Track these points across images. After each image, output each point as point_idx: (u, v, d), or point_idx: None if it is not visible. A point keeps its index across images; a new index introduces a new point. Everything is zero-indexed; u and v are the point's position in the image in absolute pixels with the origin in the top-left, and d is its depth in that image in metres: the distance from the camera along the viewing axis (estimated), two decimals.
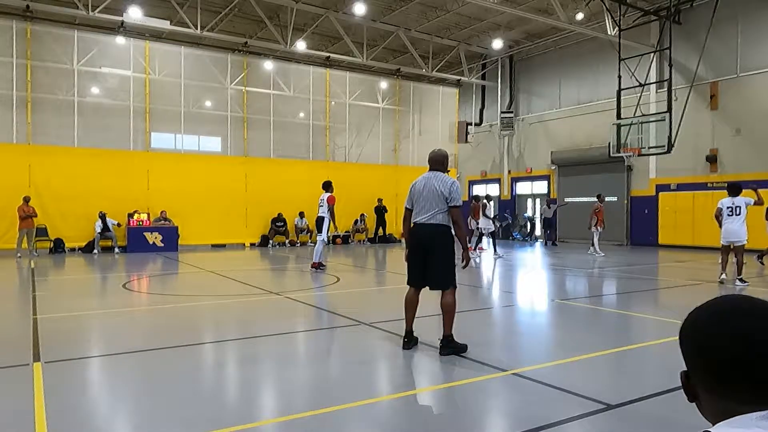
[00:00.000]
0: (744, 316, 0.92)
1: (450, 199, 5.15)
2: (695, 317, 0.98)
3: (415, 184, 5.35)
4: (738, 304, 0.95)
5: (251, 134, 20.88)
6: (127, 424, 3.66)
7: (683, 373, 0.98)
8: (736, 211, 9.62)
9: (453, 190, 5.17)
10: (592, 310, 7.77)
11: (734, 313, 0.94)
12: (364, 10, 18.59)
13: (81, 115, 17.74)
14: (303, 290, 9.83)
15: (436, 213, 5.17)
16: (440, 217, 5.19)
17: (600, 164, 21.06)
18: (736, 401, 0.89)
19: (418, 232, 5.29)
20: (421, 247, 5.27)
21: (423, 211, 5.23)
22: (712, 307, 0.97)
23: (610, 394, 3.93)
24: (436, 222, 5.19)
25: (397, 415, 3.74)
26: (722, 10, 17.01)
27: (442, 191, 5.13)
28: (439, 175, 5.27)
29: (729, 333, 0.91)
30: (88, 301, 8.60)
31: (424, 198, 5.21)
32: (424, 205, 5.22)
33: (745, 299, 0.96)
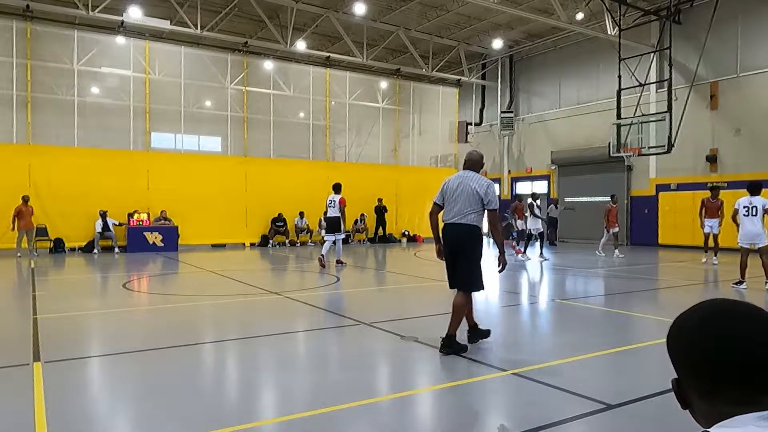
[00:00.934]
0: (727, 318, 0.94)
1: (487, 201, 5.12)
2: (680, 323, 0.99)
3: (449, 182, 5.30)
4: (721, 306, 0.97)
5: (251, 134, 20.88)
6: (127, 424, 3.66)
7: (674, 380, 0.99)
8: (752, 211, 9.19)
9: (490, 192, 5.15)
10: (592, 309, 7.77)
11: (717, 316, 0.95)
12: (364, 9, 18.59)
13: (81, 115, 17.74)
14: (303, 290, 9.83)
15: (468, 213, 5.13)
16: (472, 218, 5.14)
17: (600, 164, 21.06)
18: (728, 403, 0.89)
19: (449, 232, 5.24)
20: (451, 247, 5.24)
21: (454, 210, 5.18)
22: (696, 312, 0.98)
23: (610, 394, 3.93)
24: (468, 222, 5.14)
25: (397, 415, 3.74)
26: (722, 10, 17.00)
27: (478, 191, 5.11)
28: (475, 176, 5.25)
29: (714, 334, 0.93)
30: (88, 301, 8.60)
31: (457, 197, 5.16)
32: (455, 204, 5.17)
33: (727, 301, 0.97)
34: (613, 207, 16.00)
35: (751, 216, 9.17)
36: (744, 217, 9.25)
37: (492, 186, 5.24)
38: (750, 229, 9.18)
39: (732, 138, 17.72)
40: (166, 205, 18.01)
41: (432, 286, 10.67)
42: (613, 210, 15.93)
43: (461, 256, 5.16)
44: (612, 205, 16.04)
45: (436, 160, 25.87)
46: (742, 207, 9.32)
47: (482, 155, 5.56)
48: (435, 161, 25.89)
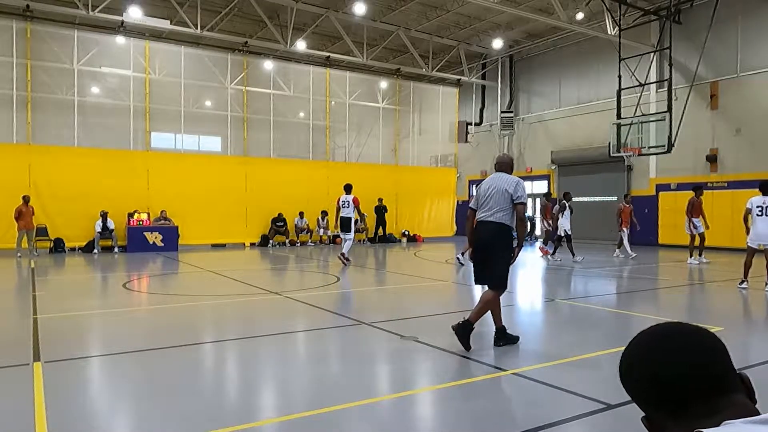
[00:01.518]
0: (663, 338, 0.98)
1: (516, 197, 5.32)
2: (626, 359, 1.02)
3: (481, 186, 5.59)
4: (654, 330, 1.00)
5: (251, 134, 20.88)
6: (127, 424, 3.66)
7: (643, 418, 1.01)
8: (766, 211, 8.93)
9: (519, 188, 5.36)
10: (592, 309, 7.77)
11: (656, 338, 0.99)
12: (364, 9, 18.59)
13: (81, 115, 17.74)
14: (303, 290, 9.83)
15: (497, 211, 5.33)
16: (501, 215, 5.33)
17: (600, 164, 21.06)
18: (695, 416, 0.91)
19: (480, 230, 5.47)
20: (481, 244, 5.45)
21: (486, 209, 5.42)
22: (638, 343, 1.01)
23: (610, 394, 3.93)
24: (496, 220, 5.34)
25: (397, 415, 3.74)
26: (722, 10, 17.00)
27: (506, 189, 5.33)
28: (504, 176, 5.49)
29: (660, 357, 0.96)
30: (88, 301, 8.60)
31: (489, 197, 5.41)
32: (486, 204, 5.42)
33: (659, 326, 1.01)
34: (626, 207, 15.50)
35: (765, 216, 8.93)
36: (758, 216, 9.00)
37: (521, 183, 5.44)
38: (764, 229, 8.97)
39: (732, 138, 17.71)
40: (166, 205, 18.01)
41: (432, 286, 10.67)
42: (626, 210, 15.43)
43: (492, 254, 5.37)
44: (624, 204, 15.59)
45: (436, 160, 25.87)
46: (755, 206, 9.02)
47: (512, 158, 5.83)
48: (435, 161, 25.90)
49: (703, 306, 8.68)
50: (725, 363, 0.95)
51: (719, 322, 6.43)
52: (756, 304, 8.35)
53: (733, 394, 0.92)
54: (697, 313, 7.91)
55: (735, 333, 6.28)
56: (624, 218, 15.31)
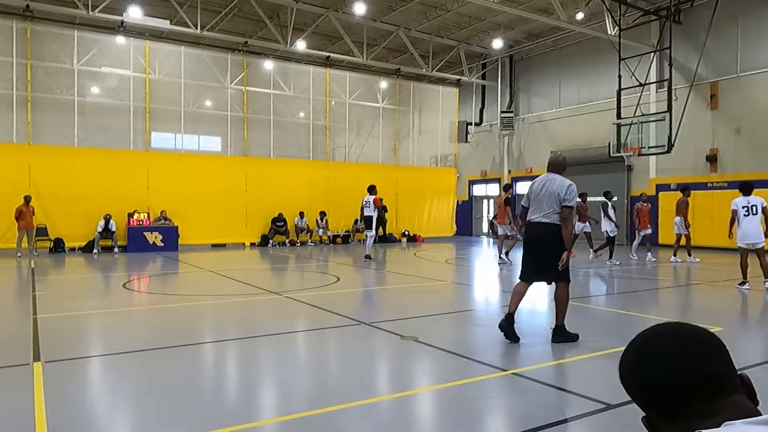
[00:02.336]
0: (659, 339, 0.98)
1: (564, 199, 5.47)
2: (624, 360, 1.02)
3: (533, 185, 5.73)
4: (651, 332, 1.00)
5: (251, 134, 20.89)
6: (127, 424, 3.66)
7: (643, 418, 1.01)
8: (752, 210, 9.05)
9: (569, 192, 5.49)
10: (592, 309, 7.77)
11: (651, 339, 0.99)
12: (364, 9, 18.58)
13: (81, 115, 17.73)
14: (303, 290, 9.83)
15: (551, 213, 5.50)
16: (555, 217, 5.50)
17: (600, 164, 21.05)
18: (693, 417, 0.91)
19: (532, 231, 5.64)
20: (535, 244, 5.62)
21: (538, 210, 5.57)
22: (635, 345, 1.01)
23: (610, 394, 3.93)
24: (550, 221, 5.50)
25: (397, 415, 3.74)
26: (722, 10, 17.00)
27: (558, 193, 5.47)
28: (557, 178, 5.60)
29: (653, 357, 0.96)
30: (88, 301, 8.60)
31: (541, 198, 5.57)
32: (539, 204, 5.57)
33: (657, 327, 1.01)
34: (643, 206, 14.63)
35: (752, 215, 9.04)
36: (744, 217, 9.11)
37: (572, 186, 5.55)
38: (751, 229, 9.07)
39: (732, 138, 17.71)
40: (166, 205, 18.01)
41: (432, 286, 10.67)
42: (644, 209, 14.55)
43: (548, 253, 5.51)
44: (643, 204, 14.69)
45: (436, 160, 25.87)
46: (741, 207, 9.14)
47: (564, 158, 5.91)
48: (435, 161, 25.90)
49: (703, 306, 8.67)
50: (723, 363, 0.94)
51: (719, 322, 6.43)
52: (755, 304, 8.35)
53: (732, 394, 0.92)
54: (697, 313, 7.91)
55: (735, 333, 6.28)
56: (642, 218, 14.45)
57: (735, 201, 9.28)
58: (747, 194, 9.18)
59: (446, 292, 9.91)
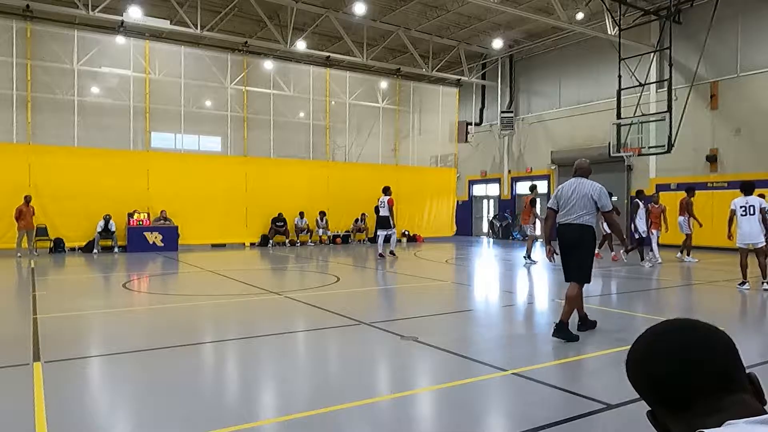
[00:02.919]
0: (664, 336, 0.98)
1: (601, 205, 5.82)
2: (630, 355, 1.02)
3: (562, 189, 6.02)
4: (657, 328, 1.00)
5: (251, 134, 20.88)
6: (127, 424, 3.66)
7: (648, 413, 1.00)
8: (750, 211, 9.08)
9: (602, 196, 5.84)
10: (592, 309, 7.76)
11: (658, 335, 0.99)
12: (364, 9, 18.59)
13: (81, 115, 17.73)
14: (303, 290, 9.83)
15: (582, 215, 5.80)
16: (586, 218, 5.82)
17: (600, 164, 20.94)
18: (697, 415, 0.90)
19: (564, 232, 5.93)
20: (567, 245, 5.92)
21: (569, 212, 5.86)
22: (642, 340, 1.01)
23: (610, 394, 3.93)
24: (582, 222, 5.81)
25: (397, 415, 3.74)
26: (722, 10, 17.00)
27: (592, 196, 5.79)
28: (586, 182, 5.93)
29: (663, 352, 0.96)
30: (88, 301, 8.59)
31: (571, 201, 5.85)
32: (570, 207, 5.85)
33: (663, 323, 1.01)
34: (654, 207, 14.02)
35: (749, 216, 9.08)
36: (741, 217, 9.15)
37: (603, 190, 5.90)
38: (749, 229, 9.10)
39: (732, 138, 17.71)
40: (166, 205, 18.01)
41: (432, 286, 10.67)
42: (654, 211, 13.98)
43: (577, 252, 5.84)
44: (653, 205, 14.07)
45: (436, 160, 25.87)
46: (739, 207, 9.19)
47: (589, 163, 6.25)
48: (435, 161, 25.90)
49: (702, 306, 8.68)
50: (729, 361, 0.94)
51: (718, 322, 6.40)
52: (755, 304, 8.35)
53: (738, 393, 0.91)
54: (697, 313, 7.89)
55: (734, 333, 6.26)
56: (654, 220, 13.90)
57: (734, 201, 9.34)
58: (747, 194, 9.21)
59: (446, 292, 9.91)
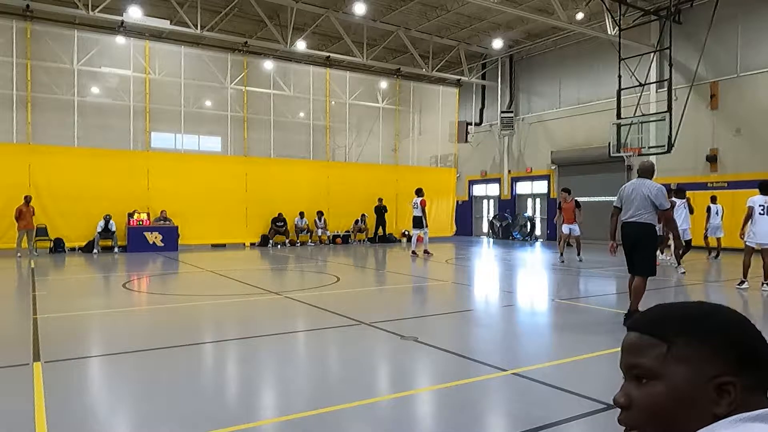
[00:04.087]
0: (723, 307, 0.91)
1: (658, 204, 6.24)
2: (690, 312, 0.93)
3: (625, 189, 6.48)
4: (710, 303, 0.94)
5: (251, 134, 20.89)
6: (127, 424, 3.66)
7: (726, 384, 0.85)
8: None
9: (659, 196, 6.24)
10: (592, 309, 7.77)
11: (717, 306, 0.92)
12: (364, 9, 18.59)
13: (81, 115, 17.74)
14: (303, 290, 9.83)
15: (642, 213, 6.27)
16: (646, 217, 6.27)
17: (600, 164, 21.05)
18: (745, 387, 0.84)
19: (627, 229, 6.40)
20: (629, 241, 6.38)
21: (630, 211, 6.33)
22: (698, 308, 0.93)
23: (610, 394, 3.92)
24: (642, 221, 6.27)
25: (397, 415, 3.74)
26: (722, 10, 17.00)
27: (649, 195, 6.22)
28: (647, 182, 6.36)
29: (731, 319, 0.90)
30: (88, 301, 8.59)
31: (632, 200, 6.31)
32: (631, 206, 6.32)
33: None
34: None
35: (766, 215, 8.91)
36: (760, 216, 8.97)
37: (661, 190, 6.29)
38: (765, 228, 8.92)
39: (732, 138, 17.71)
40: (166, 205, 18.01)
41: (432, 286, 10.68)
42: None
43: (639, 248, 6.31)
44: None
45: (436, 160, 25.88)
46: (758, 206, 9.00)
47: (653, 164, 6.72)
48: (435, 161, 25.91)
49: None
50: None
51: None
52: (754, 304, 8.35)
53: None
54: None
55: None
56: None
57: (752, 199, 9.14)
58: (766, 193, 9.03)
59: (446, 292, 9.91)
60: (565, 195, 14.51)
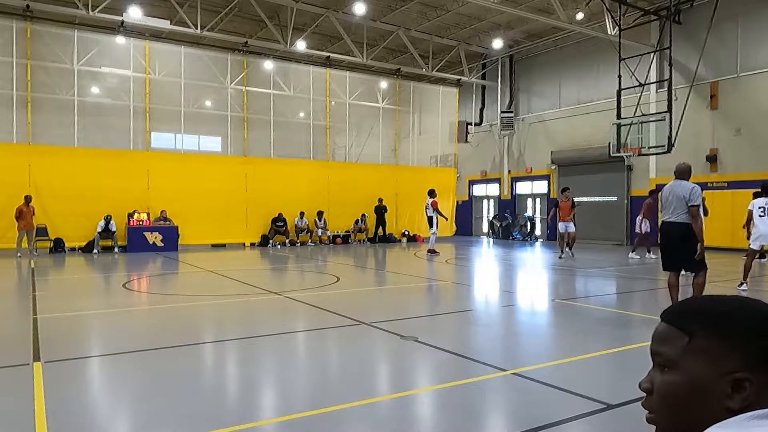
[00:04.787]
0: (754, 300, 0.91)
1: (689, 199, 6.42)
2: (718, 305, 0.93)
3: (664, 191, 6.81)
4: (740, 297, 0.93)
5: (251, 134, 20.88)
6: (127, 424, 3.66)
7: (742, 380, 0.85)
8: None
9: (693, 193, 6.42)
10: (592, 309, 7.77)
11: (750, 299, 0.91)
12: (364, 9, 18.58)
13: (81, 115, 17.73)
14: (303, 290, 9.83)
15: (680, 214, 6.51)
16: (684, 217, 6.49)
17: (600, 164, 21.06)
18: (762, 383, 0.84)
19: (666, 229, 6.71)
20: (670, 240, 6.65)
21: (670, 212, 6.61)
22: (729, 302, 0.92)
23: (610, 394, 3.93)
24: (680, 220, 6.50)
25: (397, 415, 3.74)
26: (722, 10, 17.00)
27: (684, 195, 6.45)
28: (683, 183, 6.60)
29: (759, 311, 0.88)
30: (88, 301, 8.59)
31: (671, 201, 6.59)
32: (670, 207, 6.60)
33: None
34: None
35: (766, 216, 8.98)
36: (759, 218, 9.05)
37: (695, 188, 6.46)
38: (766, 229, 8.98)
39: (732, 138, 17.71)
40: (166, 205, 18.01)
41: (432, 286, 10.68)
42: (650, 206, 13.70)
43: (684, 247, 6.51)
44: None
45: (436, 160, 25.87)
46: (757, 208, 9.09)
47: (689, 165, 6.87)
48: (435, 161, 25.90)
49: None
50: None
51: None
52: None
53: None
54: None
55: None
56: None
57: (753, 202, 9.24)
58: (767, 195, 9.10)
59: (446, 292, 9.91)
60: (567, 193, 15.35)
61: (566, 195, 15.26)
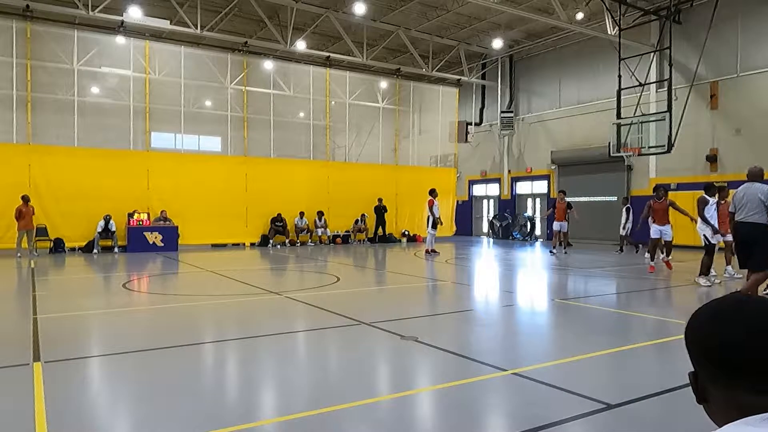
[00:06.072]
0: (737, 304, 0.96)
1: (766, 200, 6.84)
2: (696, 315, 1.01)
3: (737, 193, 7.20)
4: (731, 298, 0.99)
5: (251, 134, 20.88)
6: (127, 424, 3.66)
7: (691, 373, 0.99)
8: None
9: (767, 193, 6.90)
10: (592, 309, 7.77)
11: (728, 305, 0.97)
12: (364, 9, 18.58)
13: (81, 115, 17.73)
14: (303, 290, 9.83)
15: (753, 214, 6.93)
16: (756, 217, 6.92)
17: (600, 164, 21.06)
18: (741, 388, 0.88)
19: (739, 229, 7.10)
20: (743, 240, 7.04)
21: (743, 212, 6.99)
22: (710, 304, 1.01)
23: (610, 394, 3.93)
24: (753, 221, 6.91)
25: (397, 415, 3.74)
26: (722, 9, 17.00)
27: (759, 197, 6.88)
28: (756, 185, 7.04)
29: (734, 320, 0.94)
30: (88, 301, 8.59)
31: (744, 203, 6.99)
32: (744, 208, 6.98)
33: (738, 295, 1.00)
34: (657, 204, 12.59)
35: None
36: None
37: None
38: None
39: (732, 138, 17.71)
40: (166, 205, 18.01)
41: (432, 286, 10.68)
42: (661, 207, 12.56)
43: (754, 246, 6.92)
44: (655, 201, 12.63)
45: (436, 160, 25.88)
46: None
47: (761, 168, 7.33)
48: (435, 161, 25.90)
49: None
50: None
51: None
52: None
53: None
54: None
55: None
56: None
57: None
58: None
59: (446, 292, 9.91)
60: (562, 195, 17.12)
61: (561, 197, 17.05)
